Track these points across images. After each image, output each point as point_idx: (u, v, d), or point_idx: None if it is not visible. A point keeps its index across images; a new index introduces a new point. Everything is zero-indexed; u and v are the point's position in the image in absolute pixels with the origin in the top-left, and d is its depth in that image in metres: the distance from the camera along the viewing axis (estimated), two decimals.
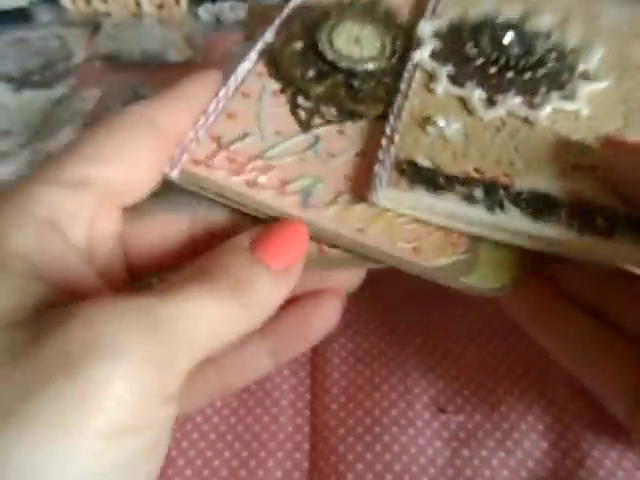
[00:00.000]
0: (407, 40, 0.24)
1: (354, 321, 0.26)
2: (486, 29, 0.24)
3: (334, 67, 0.23)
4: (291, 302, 0.19)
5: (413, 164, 0.20)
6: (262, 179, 0.19)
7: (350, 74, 0.23)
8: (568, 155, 0.20)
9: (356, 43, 0.24)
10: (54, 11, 0.51)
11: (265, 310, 0.15)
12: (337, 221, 0.19)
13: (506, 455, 0.21)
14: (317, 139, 0.21)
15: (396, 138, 0.20)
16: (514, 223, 0.18)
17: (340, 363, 0.24)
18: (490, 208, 0.19)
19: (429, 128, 0.21)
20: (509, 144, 0.20)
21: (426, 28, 0.24)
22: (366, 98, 0.22)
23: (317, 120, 0.22)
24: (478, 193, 0.19)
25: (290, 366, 0.24)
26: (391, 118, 0.21)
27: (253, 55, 0.23)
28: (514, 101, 0.21)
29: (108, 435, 0.11)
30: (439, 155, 0.20)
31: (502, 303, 0.21)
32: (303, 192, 0.19)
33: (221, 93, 0.21)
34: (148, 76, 0.43)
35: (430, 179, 0.19)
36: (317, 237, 0.19)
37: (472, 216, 0.19)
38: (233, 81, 0.22)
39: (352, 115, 0.22)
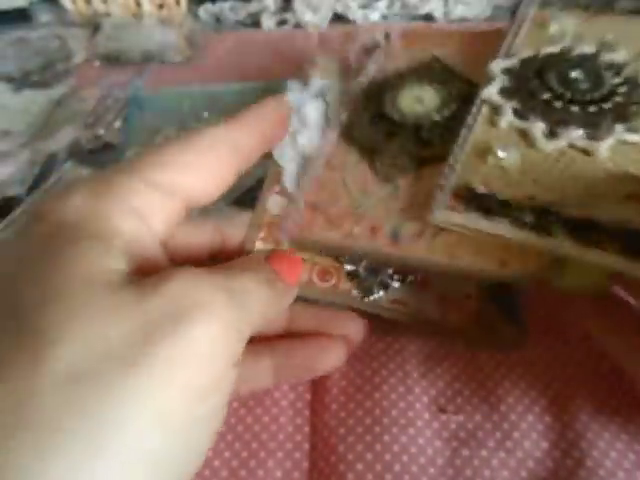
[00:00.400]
0: (468, 86, 0.26)
1: None
2: (554, 66, 0.25)
3: (401, 126, 0.25)
4: (308, 336, 0.22)
5: (470, 190, 0.21)
6: (356, 230, 0.22)
7: (417, 128, 0.25)
8: (622, 185, 0.20)
9: (419, 102, 0.26)
10: (54, 11, 0.51)
11: (284, 305, 0.18)
12: (428, 251, 0.21)
13: (506, 455, 0.21)
14: (397, 188, 0.24)
15: (457, 167, 0.22)
16: (561, 247, 0.20)
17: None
18: (538, 232, 0.20)
19: (489, 158, 0.22)
20: (565, 173, 0.21)
21: (497, 66, 0.25)
22: (435, 144, 0.24)
23: (395, 171, 0.24)
24: (528, 218, 0.20)
25: None
26: (455, 148, 0.23)
27: (333, 136, 0.26)
28: (576, 133, 0.22)
29: (198, 388, 0.13)
30: (495, 182, 0.22)
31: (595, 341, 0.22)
32: (392, 234, 0.22)
33: (311, 169, 0.24)
34: (148, 76, 0.43)
35: (484, 204, 0.21)
36: (413, 267, 0.22)
37: (521, 239, 0.20)
38: (321, 156, 0.25)
39: (425, 161, 0.24)
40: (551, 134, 0.22)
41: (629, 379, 0.21)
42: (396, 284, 0.25)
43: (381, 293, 0.24)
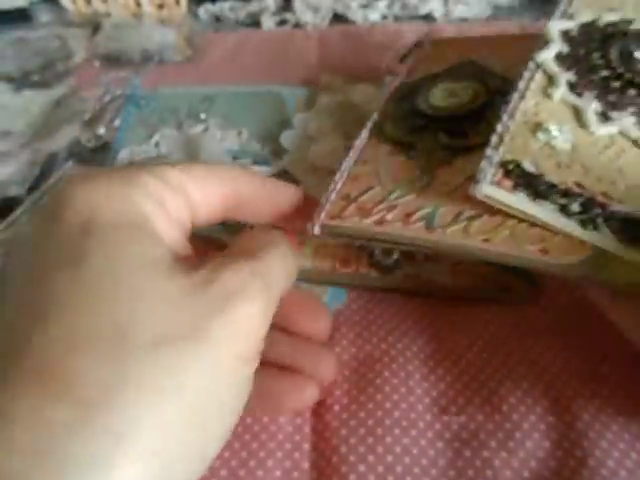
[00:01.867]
0: (503, 82, 0.26)
1: (356, 324, 0.26)
2: (617, 39, 0.23)
3: (434, 120, 0.25)
4: (283, 371, 0.22)
5: (519, 167, 0.20)
6: (388, 216, 0.22)
7: (450, 120, 0.25)
8: None
9: (452, 96, 0.26)
10: (54, 11, 0.51)
11: (295, 275, 0.19)
12: (462, 236, 0.20)
13: (508, 455, 0.21)
14: (432, 177, 0.23)
15: (506, 138, 0.21)
16: (603, 242, 0.19)
17: (342, 366, 0.24)
18: (583, 224, 0.19)
19: (539, 134, 0.21)
20: (614, 163, 0.21)
21: (554, 27, 0.24)
22: (470, 134, 0.24)
23: (432, 163, 0.24)
24: (575, 207, 0.20)
25: None
26: (504, 116, 0.22)
27: (365, 134, 0.26)
28: (628, 120, 0.21)
29: (244, 357, 0.15)
30: (544, 162, 0.21)
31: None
32: (426, 218, 0.21)
33: (343, 165, 0.25)
34: (148, 76, 0.43)
35: (532, 184, 0.20)
36: (446, 253, 0.21)
37: (565, 227, 0.19)
38: (352, 153, 0.25)
39: (458, 150, 0.24)
40: (604, 117, 0.21)
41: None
42: (409, 261, 0.27)
43: (396, 271, 0.27)
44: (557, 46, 0.23)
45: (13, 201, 0.32)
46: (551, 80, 0.22)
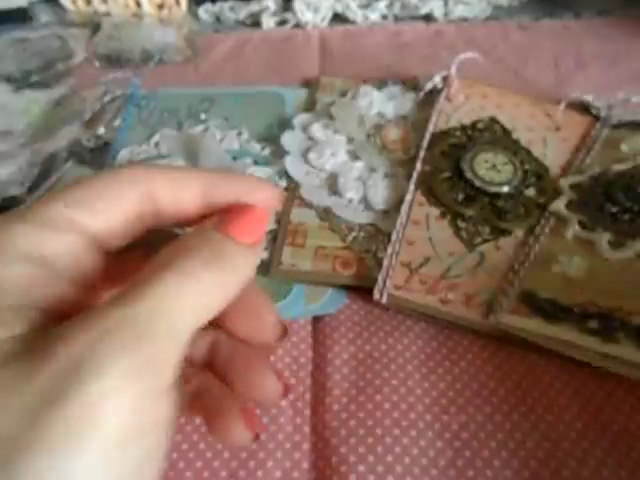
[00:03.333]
0: (530, 158, 0.30)
1: (356, 324, 0.26)
2: (623, 182, 0.27)
3: (479, 191, 0.28)
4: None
5: (533, 295, 0.24)
6: (451, 296, 0.25)
7: (493, 196, 0.28)
8: None
9: (493, 169, 0.29)
10: (54, 11, 0.51)
11: (240, 276, 0.15)
12: (522, 321, 0.23)
13: (509, 455, 0.21)
14: (482, 257, 0.26)
15: (522, 272, 0.25)
16: (626, 354, 0.21)
17: (341, 365, 0.24)
18: (604, 339, 0.22)
19: (553, 266, 0.25)
20: (631, 282, 0.23)
21: (565, 182, 0.29)
22: (511, 216, 0.28)
23: (478, 239, 0.27)
24: (593, 324, 0.22)
25: (290, 366, 0.24)
26: (520, 257, 0.25)
27: (412, 186, 0.29)
28: None
29: (109, 449, 0.12)
30: (558, 288, 0.24)
31: None
32: (486, 303, 0.24)
33: (398, 223, 0.27)
34: (147, 76, 0.43)
35: (548, 310, 0.23)
36: (509, 336, 0.23)
37: (585, 345, 0.22)
38: (405, 211, 0.28)
39: (503, 232, 0.27)
40: (618, 244, 0.24)
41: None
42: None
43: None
44: (567, 196, 0.27)
45: (13, 201, 0.32)
46: (563, 222, 0.26)
